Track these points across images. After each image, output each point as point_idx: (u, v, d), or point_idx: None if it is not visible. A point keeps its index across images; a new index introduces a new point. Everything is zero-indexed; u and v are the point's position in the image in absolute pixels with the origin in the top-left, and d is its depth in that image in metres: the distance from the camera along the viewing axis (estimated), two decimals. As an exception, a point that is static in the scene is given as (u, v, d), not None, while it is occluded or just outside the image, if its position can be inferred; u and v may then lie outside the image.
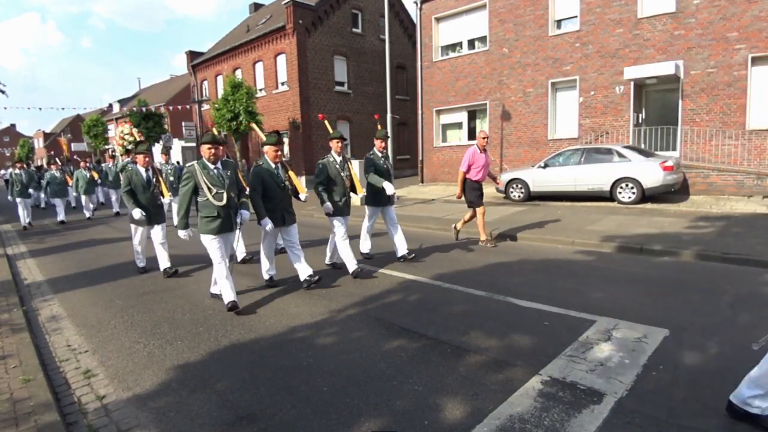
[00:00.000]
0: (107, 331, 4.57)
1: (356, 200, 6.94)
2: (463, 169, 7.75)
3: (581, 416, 2.76)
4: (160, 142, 29.41)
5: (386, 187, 6.35)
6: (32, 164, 36.35)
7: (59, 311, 5.28)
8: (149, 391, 3.33)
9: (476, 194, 7.73)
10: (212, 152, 4.80)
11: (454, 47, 18.30)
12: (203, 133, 6.33)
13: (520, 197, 12.86)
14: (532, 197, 12.73)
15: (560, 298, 4.88)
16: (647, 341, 3.76)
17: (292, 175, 5.64)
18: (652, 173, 10.84)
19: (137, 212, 6.37)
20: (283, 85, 22.77)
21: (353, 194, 6.33)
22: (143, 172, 6.55)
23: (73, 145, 36.97)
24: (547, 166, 12.48)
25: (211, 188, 4.79)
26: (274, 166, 5.41)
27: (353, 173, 6.23)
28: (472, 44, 17.66)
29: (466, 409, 2.90)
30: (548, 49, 15.24)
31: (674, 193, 11.59)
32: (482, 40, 17.16)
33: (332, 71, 22.94)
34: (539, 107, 15.68)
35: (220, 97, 21.02)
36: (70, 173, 16.26)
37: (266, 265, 5.87)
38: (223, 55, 26.57)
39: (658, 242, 7.03)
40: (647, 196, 11.00)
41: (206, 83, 28.81)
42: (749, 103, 11.90)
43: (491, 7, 16.43)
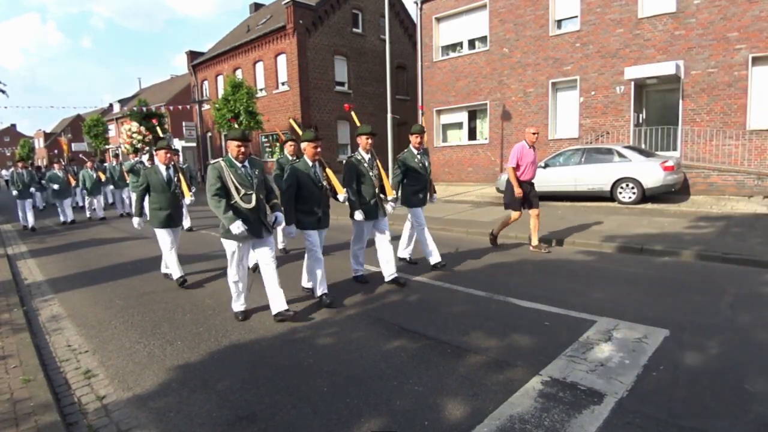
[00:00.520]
0: (107, 331, 4.57)
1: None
2: (511, 165, 7.05)
3: (581, 417, 2.76)
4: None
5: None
6: (33, 164, 36.27)
7: (59, 311, 5.28)
8: (149, 391, 3.33)
9: (518, 198, 7.05)
10: (241, 150, 4.34)
11: (454, 47, 18.30)
12: (228, 129, 5.74)
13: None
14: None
15: (560, 298, 4.88)
16: (647, 341, 3.75)
17: (329, 173, 5.17)
18: (652, 173, 10.84)
19: (136, 221, 6.06)
20: (283, 85, 22.78)
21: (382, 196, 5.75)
22: (163, 170, 5.99)
23: (73, 145, 36.93)
24: (547, 166, 12.47)
25: (239, 189, 4.33)
26: (311, 164, 5.01)
27: (383, 173, 5.68)
28: (472, 44, 17.66)
29: (466, 409, 2.90)
30: (549, 49, 15.23)
31: (675, 193, 11.58)
32: (482, 40, 17.16)
33: (332, 71, 22.94)
34: (540, 107, 15.68)
35: (220, 97, 21.02)
36: (73, 173, 15.83)
37: (316, 278, 5.09)
38: (223, 55, 26.57)
39: (658, 242, 7.03)
40: (648, 196, 11.00)
41: (206, 83, 28.82)
42: (750, 103, 11.90)
43: (491, 7, 16.43)
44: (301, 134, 5.26)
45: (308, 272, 5.22)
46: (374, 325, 4.43)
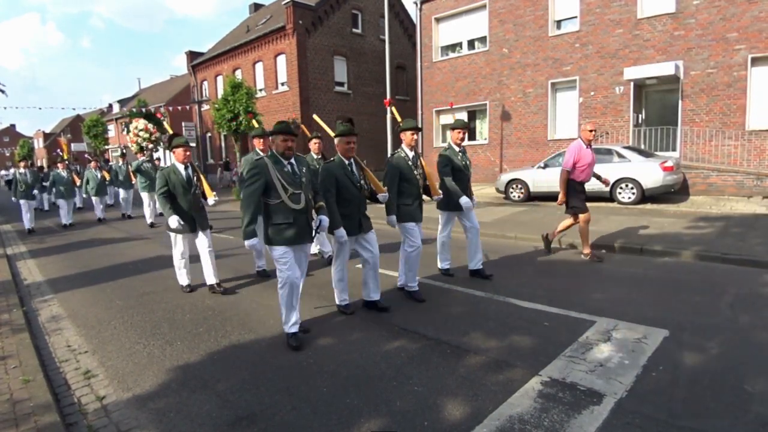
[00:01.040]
0: (107, 331, 4.56)
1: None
2: (567, 167, 6.43)
3: (581, 417, 2.76)
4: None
5: (462, 203, 5.34)
6: (34, 165, 36.23)
7: (59, 312, 5.28)
8: (149, 391, 3.33)
9: (581, 198, 6.54)
10: (288, 144, 3.89)
11: (454, 47, 18.31)
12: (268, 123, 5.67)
13: (519, 197, 12.86)
14: (532, 197, 12.74)
15: (560, 298, 4.88)
16: (647, 342, 3.76)
17: (368, 172, 4.70)
18: (651, 174, 10.85)
19: (174, 220, 5.36)
20: (283, 85, 22.78)
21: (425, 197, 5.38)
22: (182, 169, 5.47)
23: (73, 145, 36.93)
24: (547, 166, 12.48)
25: (286, 188, 3.87)
26: (347, 162, 4.50)
27: (427, 171, 5.26)
28: (472, 44, 17.67)
29: (465, 409, 2.90)
30: (548, 49, 15.24)
31: (674, 193, 11.59)
32: (482, 40, 17.17)
33: (332, 71, 22.95)
34: (539, 107, 15.69)
35: (220, 97, 21.01)
36: (77, 172, 15.43)
37: (342, 292, 4.78)
38: (223, 55, 26.58)
39: (658, 243, 7.03)
40: (647, 196, 11.00)
41: (206, 83, 28.82)
42: (749, 103, 11.91)
43: (491, 7, 16.44)
44: (328, 130, 4.88)
45: (336, 282, 4.74)
46: (374, 325, 4.43)
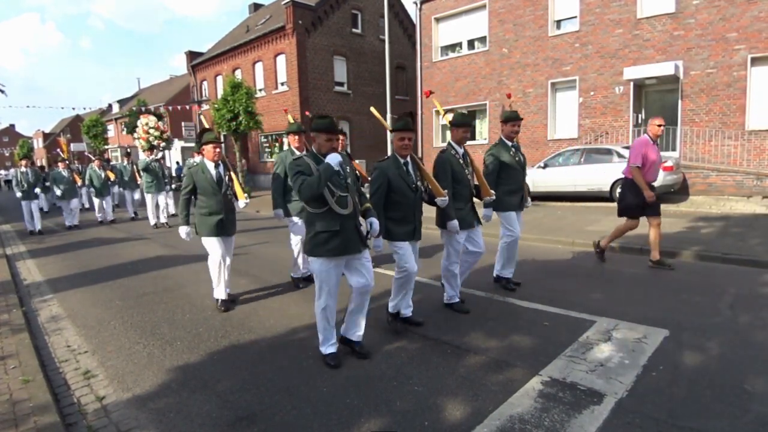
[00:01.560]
0: (107, 331, 4.56)
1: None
2: (637, 163, 5.88)
3: (581, 417, 2.76)
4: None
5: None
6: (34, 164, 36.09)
7: (59, 312, 5.27)
8: (149, 391, 3.32)
9: (640, 200, 5.90)
10: (332, 145, 3.47)
11: (453, 47, 18.30)
12: (313, 117, 3.54)
13: (519, 197, 12.85)
14: (532, 197, 12.71)
15: (560, 298, 4.88)
16: (647, 342, 3.76)
17: (426, 172, 4.16)
18: (651, 173, 10.84)
19: (183, 231, 5.02)
20: (282, 85, 22.77)
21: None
22: (212, 168, 4.99)
23: (72, 145, 36.91)
24: (546, 166, 12.48)
25: (332, 191, 3.42)
26: (402, 161, 3.99)
27: (477, 170, 4.71)
28: (471, 44, 17.66)
29: (466, 409, 2.90)
30: (548, 49, 15.24)
31: (674, 193, 11.59)
32: (482, 40, 17.16)
33: (332, 71, 22.94)
34: (539, 107, 15.69)
35: (219, 97, 21.01)
36: (78, 172, 14.69)
37: (401, 302, 4.27)
38: (222, 55, 26.57)
39: (657, 242, 7.02)
40: (647, 196, 10.99)
41: (206, 83, 28.81)
42: (749, 103, 11.91)
43: (491, 7, 16.43)
44: (385, 123, 4.51)
45: (396, 292, 4.22)
46: (374, 325, 4.42)
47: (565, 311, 4.51)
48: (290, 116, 6.54)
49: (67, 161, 12.79)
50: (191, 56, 29.53)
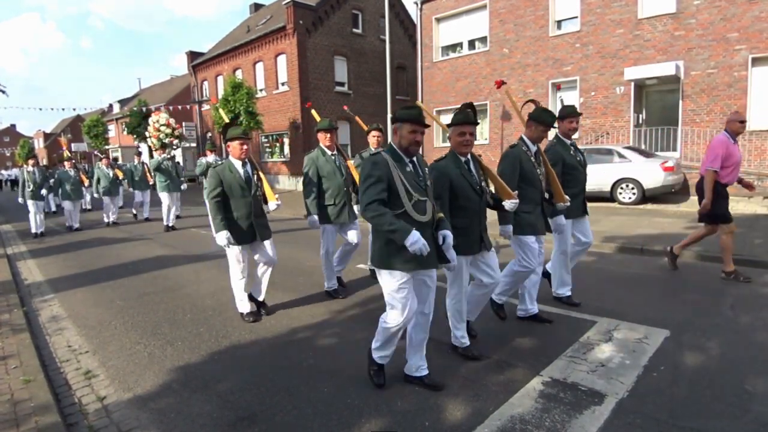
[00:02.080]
0: (108, 331, 4.56)
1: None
2: (715, 167, 5.17)
3: (582, 417, 2.76)
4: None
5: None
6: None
7: (60, 312, 5.27)
8: (150, 391, 3.32)
9: (725, 204, 5.32)
10: (416, 138, 2.92)
11: (454, 48, 18.31)
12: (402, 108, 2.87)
13: (520, 198, 12.86)
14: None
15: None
16: (648, 342, 3.75)
17: (490, 171, 3.65)
18: (652, 174, 10.85)
19: (222, 237, 4.29)
20: (283, 85, 22.79)
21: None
22: (239, 166, 4.45)
23: (73, 145, 36.95)
24: (547, 166, 12.47)
25: (410, 193, 2.91)
26: (464, 159, 3.43)
27: (550, 171, 4.14)
28: (472, 45, 17.67)
29: (467, 409, 2.90)
30: (548, 49, 15.24)
31: (674, 193, 11.59)
32: (482, 40, 17.17)
33: (332, 71, 22.95)
34: (539, 108, 15.68)
35: (220, 97, 21.02)
36: (84, 171, 14.22)
37: (461, 326, 3.65)
38: (223, 55, 26.59)
39: (658, 243, 7.03)
40: (647, 196, 11.01)
41: (206, 83, 28.83)
42: (749, 103, 11.91)
43: (491, 7, 16.44)
44: (438, 121, 4.04)
45: (454, 319, 3.64)
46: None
47: (565, 311, 4.51)
48: (315, 112, 6.04)
49: (73, 160, 12.28)
50: (192, 56, 29.55)
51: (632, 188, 11.06)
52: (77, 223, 11.91)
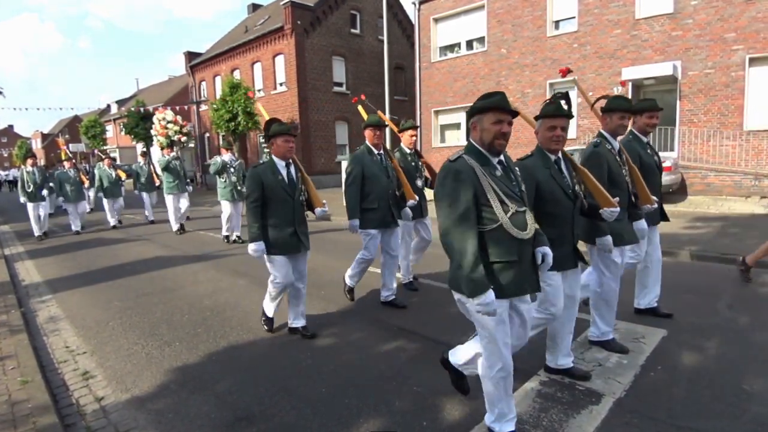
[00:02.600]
0: (105, 332, 4.56)
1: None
2: None
3: (579, 417, 2.76)
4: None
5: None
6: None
7: (57, 312, 5.27)
8: (148, 392, 3.32)
9: None
10: (502, 129, 2.37)
11: (452, 48, 18.31)
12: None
13: (518, 198, 12.88)
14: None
15: (559, 298, 4.88)
16: (645, 342, 3.76)
17: (585, 173, 3.07)
18: (650, 174, 10.86)
19: (255, 247, 3.88)
20: (281, 85, 22.79)
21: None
22: (283, 167, 3.98)
23: (71, 145, 36.88)
24: (545, 166, 12.48)
25: (505, 202, 2.34)
26: (553, 157, 2.96)
27: (634, 171, 3.65)
28: (470, 45, 17.67)
29: (464, 409, 2.91)
30: (546, 50, 15.25)
31: (672, 193, 11.61)
32: (480, 40, 17.17)
33: (331, 72, 22.95)
34: (537, 108, 15.67)
35: (218, 97, 21.01)
36: (85, 171, 13.76)
37: (567, 355, 3.25)
38: (221, 55, 26.57)
39: (656, 243, 7.04)
40: (645, 196, 11.01)
41: (204, 84, 28.81)
42: (747, 103, 11.93)
43: (489, 8, 16.45)
44: (526, 116, 3.40)
45: (550, 339, 3.31)
46: (373, 325, 4.43)
47: (563, 311, 4.51)
48: (362, 108, 5.36)
49: (73, 160, 11.71)
50: (190, 56, 29.53)
51: (630, 188, 11.08)
52: (79, 226, 11.41)
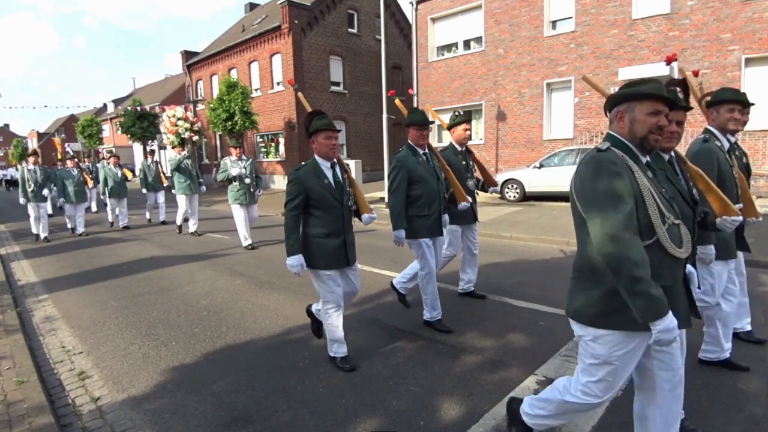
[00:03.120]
0: (102, 332, 4.54)
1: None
2: None
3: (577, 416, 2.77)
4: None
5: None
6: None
7: (53, 312, 5.25)
8: (144, 392, 3.31)
9: None
10: (656, 122, 1.92)
11: (449, 48, 18.33)
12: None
13: (515, 197, 12.90)
14: (527, 197, 12.78)
15: (555, 298, 4.90)
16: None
17: (699, 175, 2.60)
18: (646, 173, 10.91)
19: (295, 261, 3.33)
20: (278, 85, 22.75)
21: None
22: (327, 168, 3.45)
23: (67, 144, 36.76)
24: (542, 166, 12.52)
25: (663, 213, 1.91)
26: (666, 157, 2.59)
27: (740, 172, 3.13)
28: (467, 45, 17.69)
29: (462, 409, 2.91)
30: (543, 49, 15.28)
31: (669, 193, 11.65)
32: (478, 40, 17.20)
33: (328, 71, 22.92)
34: (534, 108, 15.73)
35: (215, 96, 20.96)
36: (89, 171, 13.30)
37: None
38: (218, 54, 26.51)
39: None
40: (642, 196, 11.06)
41: (201, 83, 28.74)
42: (743, 104, 11.98)
43: (487, 7, 16.46)
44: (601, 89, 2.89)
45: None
46: (370, 325, 4.43)
47: (560, 311, 4.53)
48: (399, 102, 4.82)
49: (76, 159, 11.26)
50: (187, 56, 29.45)
51: (627, 188, 11.13)
52: (82, 227, 10.89)
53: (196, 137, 22.16)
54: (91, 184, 11.87)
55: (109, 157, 12.13)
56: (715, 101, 3.22)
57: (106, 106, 51.80)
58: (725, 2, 11.91)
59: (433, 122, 4.44)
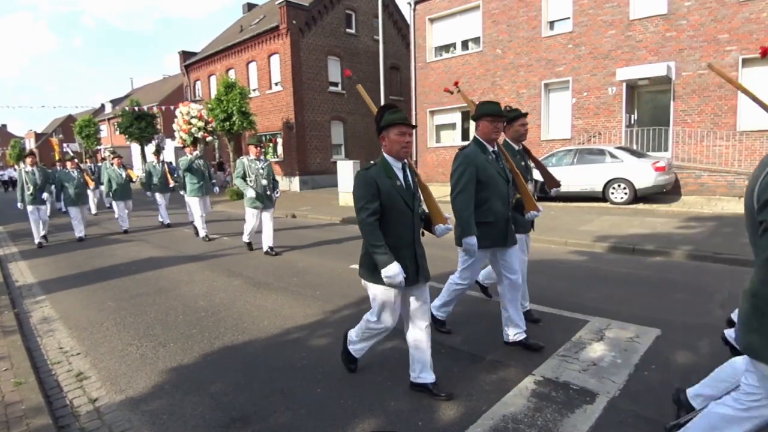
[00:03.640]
0: (99, 333, 4.54)
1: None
2: None
3: (574, 416, 2.78)
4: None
5: None
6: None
7: (51, 313, 5.24)
8: (142, 393, 3.31)
9: None
10: None
11: (447, 48, 18.34)
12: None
13: (513, 198, 12.92)
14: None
15: (553, 298, 4.91)
16: (639, 341, 3.78)
17: None
18: (644, 174, 10.93)
19: (394, 271, 2.79)
20: (276, 85, 22.73)
21: None
22: (398, 168, 2.98)
23: (64, 145, 36.64)
24: (540, 166, 12.53)
25: None
26: None
27: None
28: (465, 45, 17.71)
29: (459, 409, 2.91)
30: (541, 50, 15.30)
31: (666, 193, 11.68)
32: (476, 41, 17.21)
33: (326, 72, 22.91)
34: (532, 108, 15.74)
35: (213, 97, 20.92)
36: (90, 172, 12.91)
37: None
38: (216, 55, 26.47)
39: (650, 242, 7.08)
40: (639, 196, 11.09)
41: (199, 83, 28.69)
42: (740, 104, 12.02)
43: (485, 8, 16.48)
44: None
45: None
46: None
47: (557, 311, 4.54)
48: (460, 93, 4.41)
49: (76, 159, 10.83)
50: (185, 56, 29.41)
51: (624, 188, 11.14)
52: (83, 232, 10.33)
53: (210, 138, 20.96)
54: (92, 185, 11.44)
55: (112, 157, 11.56)
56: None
57: (103, 106, 51.70)
58: (722, 3, 11.94)
59: (506, 116, 3.92)
